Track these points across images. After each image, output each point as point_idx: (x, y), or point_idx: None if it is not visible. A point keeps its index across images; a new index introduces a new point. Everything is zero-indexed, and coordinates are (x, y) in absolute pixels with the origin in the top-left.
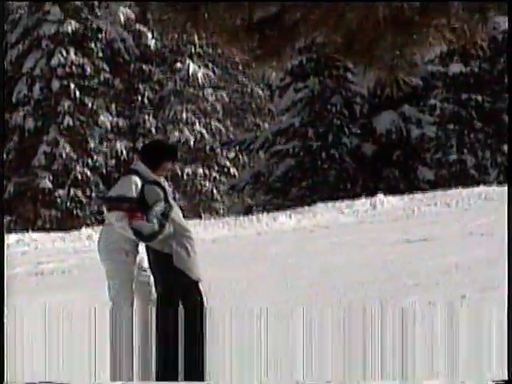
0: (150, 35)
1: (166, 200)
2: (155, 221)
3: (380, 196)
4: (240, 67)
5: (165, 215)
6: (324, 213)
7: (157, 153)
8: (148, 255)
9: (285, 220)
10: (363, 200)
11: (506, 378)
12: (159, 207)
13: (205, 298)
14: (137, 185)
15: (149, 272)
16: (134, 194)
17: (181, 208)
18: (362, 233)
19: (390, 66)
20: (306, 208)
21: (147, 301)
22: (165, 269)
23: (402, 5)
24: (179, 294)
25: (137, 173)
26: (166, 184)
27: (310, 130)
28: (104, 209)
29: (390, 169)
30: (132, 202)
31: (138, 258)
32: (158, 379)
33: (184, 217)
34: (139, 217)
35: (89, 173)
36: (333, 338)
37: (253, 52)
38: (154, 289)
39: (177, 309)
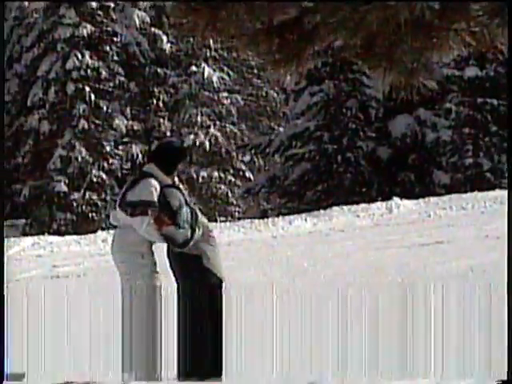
0: (165, 39)
1: (187, 203)
2: (186, 226)
3: (396, 200)
4: (255, 71)
5: (194, 220)
6: (340, 216)
7: (172, 155)
8: (171, 257)
9: (300, 223)
10: (379, 204)
11: (506, 377)
12: (186, 212)
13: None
14: (156, 188)
15: (161, 275)
16: (155, 198)
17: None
18: (378, 236)
19: (410, 70)
20: (322, 211)
21: (157, 302)
22: (193, 270)
23: (423, 8)
24: (207, 294)
25: (152, 176)
26: (181, 187)
27: (325, 133)
28: (121, 212)
29: (406, 172)
30: (155, 207)
31: (153, 260)
32: (182, 378)
33: None
34: (169, 223)
35: (104, 176)
36: (349, 339)
37: (272, 55)
38: (161, 291)
39: (205, 309)
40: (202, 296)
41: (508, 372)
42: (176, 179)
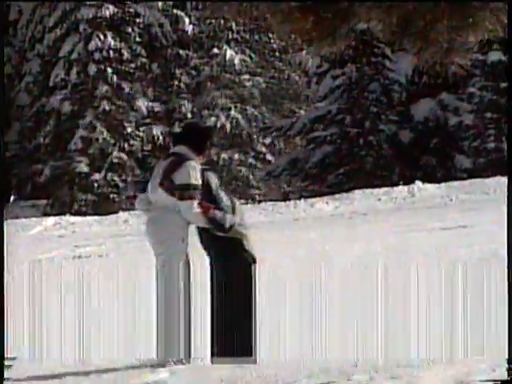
0: (187, 20)
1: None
2: (228, 210)
3: (418, 183)
4: (277, 53)
5: (233, 203)
6: (362, 199)
7: (202, 136)
8: (209, 240)
9: (322, 206)
10: (401, 187)
11: (506, 378)
12: (225, 196)
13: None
14: (198, 172)
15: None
16: (200, 181)
17: None
18: (400, 220)
19: (446, 50)
20: (344, 194)
21: (191, 286)
22: (235, 252)
23: None
24: (245, 276)
25: (191, 159)
26: None
27: (347, 116)
28: (160, 194)
29: (428, 156)
30: (200, 190)
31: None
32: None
33: None
34: (212, 207)
35: (125, 157)
36: (371, 322)
37: (306, 33)
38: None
39: (242, 290)
40: (240, 277)
41: (508, 372)
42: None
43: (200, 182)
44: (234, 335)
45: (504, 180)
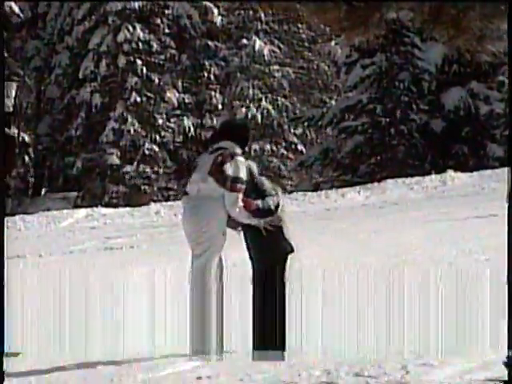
0: (216, 11)
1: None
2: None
3: (450, 172)
4: (306, 43)
5: (275, 189)
6: (393, 189)
7: (245, 132)
8: (250, 230)
9: (354, 196)
10: (433, 176)
11: (506, 378)
12: (266, 180)
13: None
14: (246, 168)
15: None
16: (246, 177)
17: None
18: (432, 209)
19: (479, 37)
20: (375, 184)
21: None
22: (277, 240)
23: None
24: (283, 267)
25: (237, 153)
26: None
27: (378, 106)
28: (210, 184)
29: (459, 145)
30: (246, 186)
31: None
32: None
33: None
34: (253, 202)
35: (156, 149)
36: (405, 313)
37: (339, 23)
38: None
39: (280, 279)
40: (280, 268)
41: (508, 372)
42: None
43: (246, 178)
44: (274, 327)
45: None
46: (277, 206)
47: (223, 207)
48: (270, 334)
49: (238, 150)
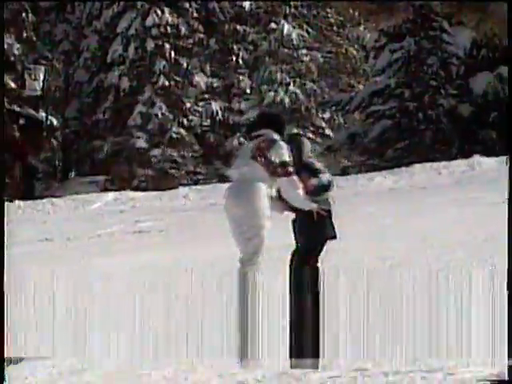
0: None
1: None
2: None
3: (477, 157)
4: (334, 28)
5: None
6: (421, 173)
7: (282, 121)
8: (301, 215)
9: (381, 180)
10: (460, 161)
11: (506, 378)
12: (314, 160)
13: None
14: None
15: None
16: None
17: None
18: (460, 193)
19: (508, 20)
20: (403, 168)
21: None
22: (321, 226)
23: None
24: (322, 248)
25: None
26: None
27: (405, 90)
28: (259, 168)
29: (487, 130)
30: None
31: None
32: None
33: None
34: (309, 183)
35: (184, 133)
36: (434, 300)
37: (367, 5)
38: None
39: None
40: (318, 249)
41: (508, 372)
42: None
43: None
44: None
45: None
46: (330, 183)
47: (267, 190)
48: (307, 340)
49: (277, 137)
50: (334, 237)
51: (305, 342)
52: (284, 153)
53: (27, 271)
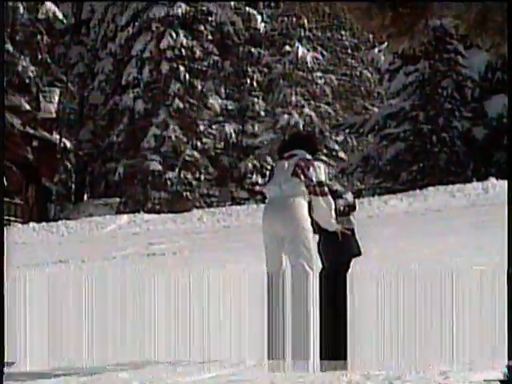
0: (259, 18)
1: None
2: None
3: (492, 180)
4: (349, 50)
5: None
6: (435, 196)
7: (316, 142)
8: (329, 236)
9: (396, 203)
10: (475, 184)
11: (507, 378)
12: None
13: None
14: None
15: None
16: None
17: None
18: (475, 216)
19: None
20: (417, 191)
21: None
22: (347, 244)
23: None
24: (348, 265)
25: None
26: None
27: (420, 113)
28: (299, 185)
29: (502, 153)
30: None
31: None
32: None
33: None
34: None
35: (198, 155)
36: (445, 321)
37: (385, 29)
38: None
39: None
40: (345, 266)
41: (508, 372)
42: None
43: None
44: (341, 338)
45: None
46: (355, 202)
47: (306, 206)
48: (337, 344)
49: (309, 157)
50: (359, 254)
51: (335, 347)
52: (322, 173)
53: (42, 292)
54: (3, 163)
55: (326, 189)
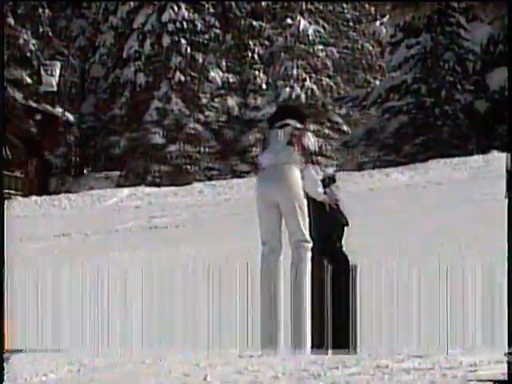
0: None
1: None
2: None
3: (494, 152)
4: (350, 23)
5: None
6: (437, 169)
7: (304, 112)
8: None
9: (397, 176)
10: (476, 157)
11: (506, 377)
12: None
13: None
14: None
15: None
16: None
17: None
18: (476, 189)
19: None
20: (419, 164)
21: None
22: (333, 215)
23: None
24: (340, 234)
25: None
26: None
27: (422, 86)
28: (295, 153)
29: (504, 126)
30: None
31: None
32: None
33: None
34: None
35: (200, 128)
36: (447, 296)
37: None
38: None
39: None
40: (335, 234)
41: (508, 372)
42: None
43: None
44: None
45: None
46: (334, 176)
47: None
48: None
49: (300, 126)
50: (347, 224)
51: (326, 332)
52: (313, 142)
53: (45, 265)
54: (4, 135)
55: (315, 158)
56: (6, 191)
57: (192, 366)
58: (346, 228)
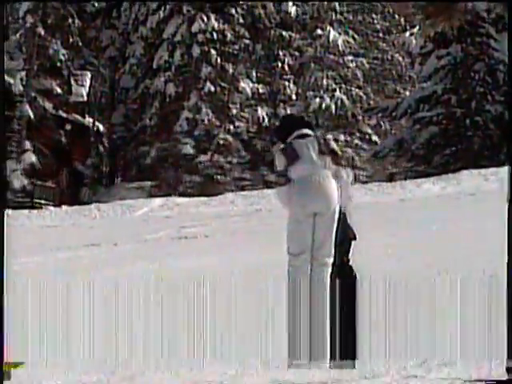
0: (290, 2)
1: None
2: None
3: None
4: (380, 34)
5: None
6: (469, 180)
7: (311, 123)
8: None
9: (429, 187)
10: (508, 167)
11: (506, 377)
12: None
13: None
14: None
15: None
16: None
17: None
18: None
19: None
20: (451, 175)
21: None
22: (340, 227)
23: None
24: (346, 248)
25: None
26: None
27: (452, 97)
28: (328, 161)
29: None
30: None
31: None
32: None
33: None
34: None
35: (231, 139)
36: (476, 306)
37: (424, 9)
38: None
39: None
40: (342, 248)
41: (508, 372)
42: None
43: None
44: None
45: None
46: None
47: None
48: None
49: (315, 134)
50: (354, 238)
51: (345, 344)
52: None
53: (74, 275)
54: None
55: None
56: (37, 201)
57: (217, 377)
58: (353, 242)
